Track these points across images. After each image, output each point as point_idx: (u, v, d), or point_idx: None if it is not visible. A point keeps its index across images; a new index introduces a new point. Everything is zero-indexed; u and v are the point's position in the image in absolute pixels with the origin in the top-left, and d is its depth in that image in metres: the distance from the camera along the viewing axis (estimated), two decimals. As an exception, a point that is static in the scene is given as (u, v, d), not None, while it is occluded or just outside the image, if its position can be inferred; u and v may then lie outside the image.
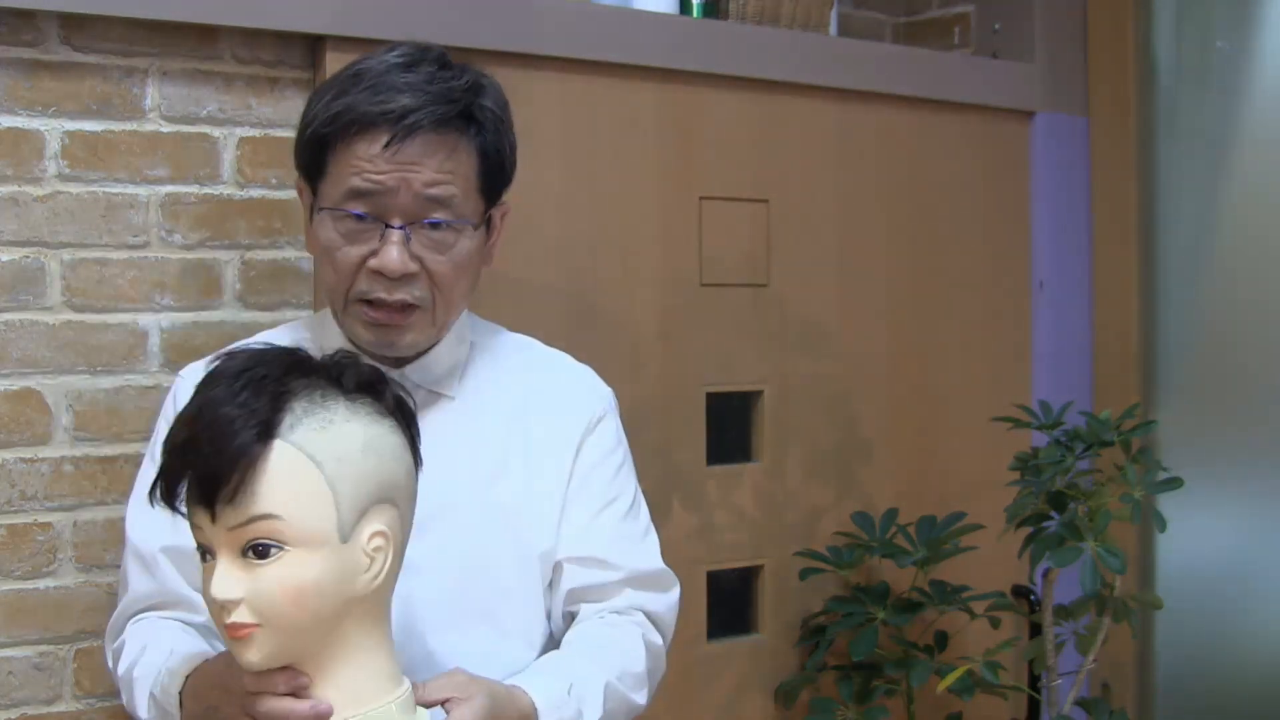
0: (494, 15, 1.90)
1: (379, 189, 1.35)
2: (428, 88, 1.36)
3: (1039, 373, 2.53)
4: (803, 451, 2.24)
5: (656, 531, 1.57)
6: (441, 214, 1.38)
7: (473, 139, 1.40)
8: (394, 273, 1.36)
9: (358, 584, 1.16)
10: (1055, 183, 2.55)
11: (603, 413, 1.54)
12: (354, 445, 1.16)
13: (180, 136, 1.74)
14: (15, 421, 1.65)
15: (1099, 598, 2.07)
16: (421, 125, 1.35)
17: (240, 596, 1.12)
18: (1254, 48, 2.38)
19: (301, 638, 1.15)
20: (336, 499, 1.14)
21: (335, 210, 1.38)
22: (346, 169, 1.36)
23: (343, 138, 1.36)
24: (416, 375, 1.46)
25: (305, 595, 1.12)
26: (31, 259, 1.65)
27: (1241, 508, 2.38)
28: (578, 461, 1.49)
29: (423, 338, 1.43)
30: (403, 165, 1.35)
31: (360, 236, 1.37)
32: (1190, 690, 2.46)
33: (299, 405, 1.15)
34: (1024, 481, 2.08)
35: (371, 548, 1.17)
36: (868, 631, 2.08)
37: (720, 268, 2.14)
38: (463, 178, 1.39)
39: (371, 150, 1.35)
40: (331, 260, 1.40)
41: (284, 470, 1.12)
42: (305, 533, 1.13)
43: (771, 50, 2.18)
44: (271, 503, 1.12)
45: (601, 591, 1.48)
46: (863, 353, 2.31)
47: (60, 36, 1.66)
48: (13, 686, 1.64)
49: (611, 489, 1.51)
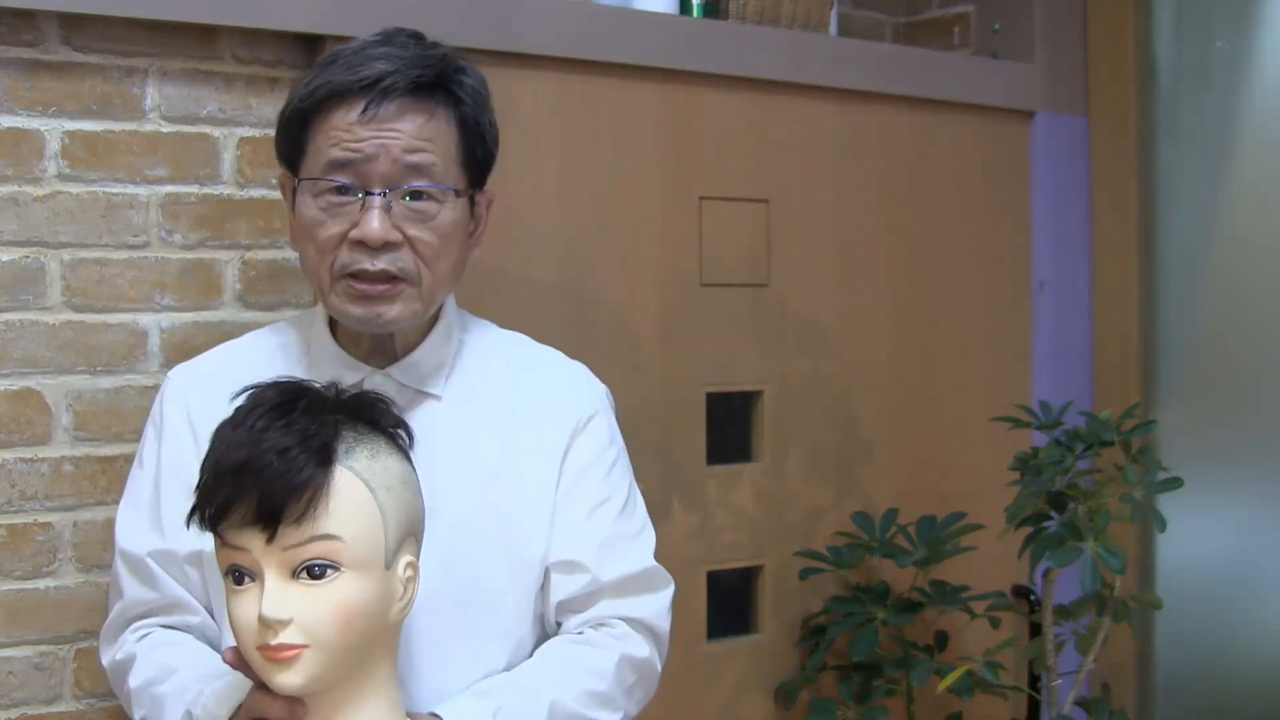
0: (494, 15, 1.90)
1: (358, 156, 1.34)
2: (403, 54, 1.37)
3: (1039, 373, 2.53)
4: (803, 451, 2.24)
5: (656, 532, 1.56)
6: (422, 180, 1.37)
7: (451, 108, 1.39)
8: (375, 240, 1.35)
9: (391, 612, 1.21)
10: (1055, 183, 2.55)
11: (593, 411, 1.51)
12: (396, 476, 1.21)
13: (180, 136, 1.74)
14: (15, 421, 1.65)
15: (1099, 598, 2.07)
16: (397, 88, 1.35)
17: (291, 616, 1.13)
18: (1254, 48, 2.38)
19: (344, 661, 1.16)
20: (385, 525, 1.18)
21: (315, 182, 1.37)
22: (325, 141, 1.36)
23: (320, 110, 1.36)
24: (402, 375, 1.44)
25: (354, 617, 1.15)
26: (31, 259, 1.66)
27: (1241, 508, 2.38)
28: (566, 462, 1.47)
29: (409, 312, 1.40)
30: (380, 131, 1.34)
31: (340, 210, 1.36)
32: (1190, 690, 2.46)
33: (349, 434, 1.18)
34: (1024, 481, 2.08)
35: (405, 577, 1.21)
36: (868, 631, 2.08)
37: (720, 268, 2.14)
38: (442, 147, 1.38)
39: (349, 118, 1.35)
40: (312, 238, 1.38)
41: (345, 494, 1.16)
42: (360, 556, 1.16)
43: (771, 50, 2.18)
44: (334, 524, 1.15)
45: (583, 601, 1.45)
46: (863, 353, 2.31)
47: (60, 36, 1.66)
48: (13, 686, 1.64)
49: (603, 489, 1.49)
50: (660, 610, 1.51)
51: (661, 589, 1.52)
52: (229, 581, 1.17)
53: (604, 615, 1.46)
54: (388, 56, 1.36)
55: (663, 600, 1.51)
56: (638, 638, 1.47)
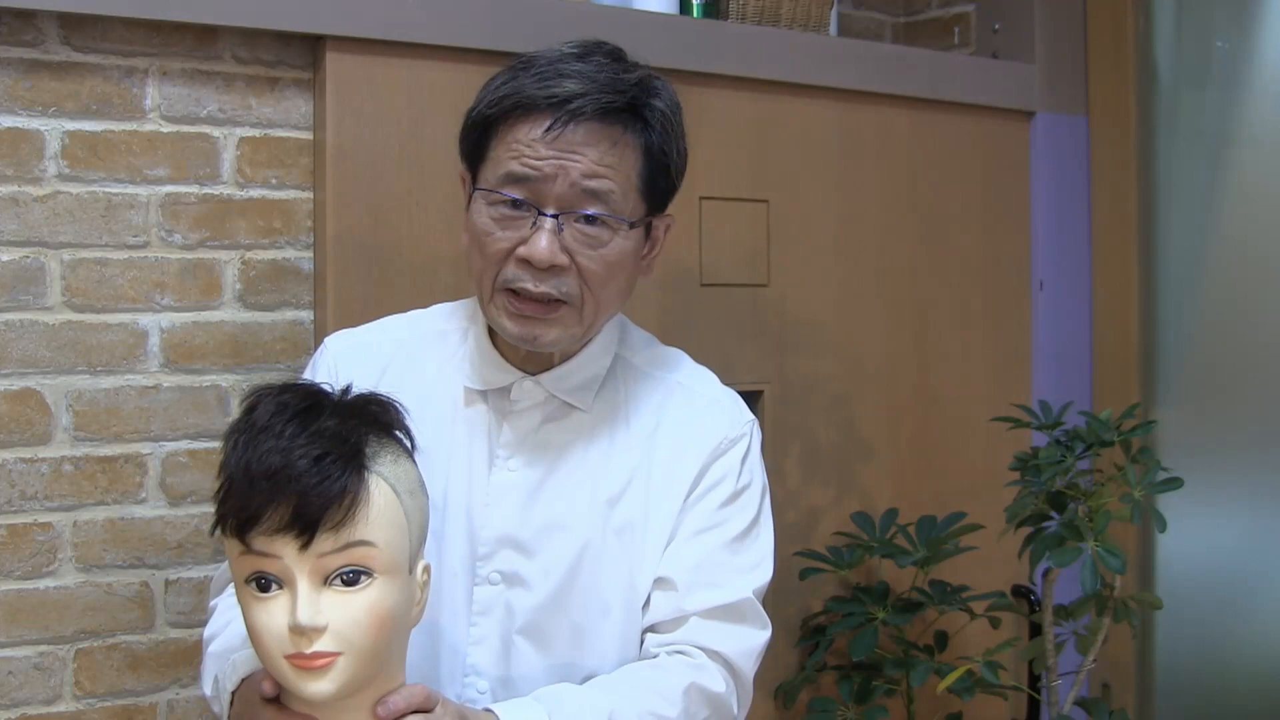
0: (494, 15, 1.89)
1: (536, 174, 1.32)
2: (596, 76, 1.33)
3: (1039, 373, 2.53)
4: (803, 451, 2.24)
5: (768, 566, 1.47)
6: (597, 208, 1.33)
7: (638, 135, 1.35)
8: (542, 262, 1.32)
9: (411, 615, 1.21)
10: (1055, 183, 2.55)
11: (734, 439, 1.46)
12: (415, 480, 1.22)
13: (180, 136, 1.74)
14: (15, 421, 1.65)
15: (1099, 598, 2.07)
16: (584, 112, 1.31)
17: (327, 623, 1.12)
18: (1254, 47, 2.38)
19: (372, 666, 1.16)
20: (410, 530, 1.19)
21: (490, 193, 1.34)
22: (506, 152, 1.33)
23: (505, 120, 1.34)
24: (551, 384, 1.42)
25: (387, 622, 1.15)
26: (31, 259, 1.66)
27: (1241, 508, 2.38)
28: (697, 486, 1.43)
29: (567, 336, 1.37)
30: (562, 153, 1.31)
31: (512, 224, 1.33)
32: (1190, 690, 2.46)
33: (373, 439, 1.18)
34: (1024, 481, 2.08)
35: (421, 581, 1.22)
36: (868, 631, 2.07)
37: (720, 268, 2.14)
38: (623, 175, 1.34)
39: (532, 134, 1.32)
40: (481, 246, 1.35)
41: (379, 500, 1.16)
42: (391, 561, 1.16)
43: (771, 50, 2.18)
44: (370, 531, 1.14)
45: (668, 625, 1.40)
46: (863, 353, 2.31)
47: (60, 36, 1.66)
48: (13, 686, 1.64)
49: (720, 515, 1.43)
50: (746, 650, 1.42)
51: (754, 628, 1.43)
52: (251, 589, 1.15)
53: (684, 641, 1.39)
54: (581, 75, 1.32)
55: (752, 640, 1.43)
56: (714, 669, 1.39)
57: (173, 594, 1.73)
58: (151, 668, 1.72)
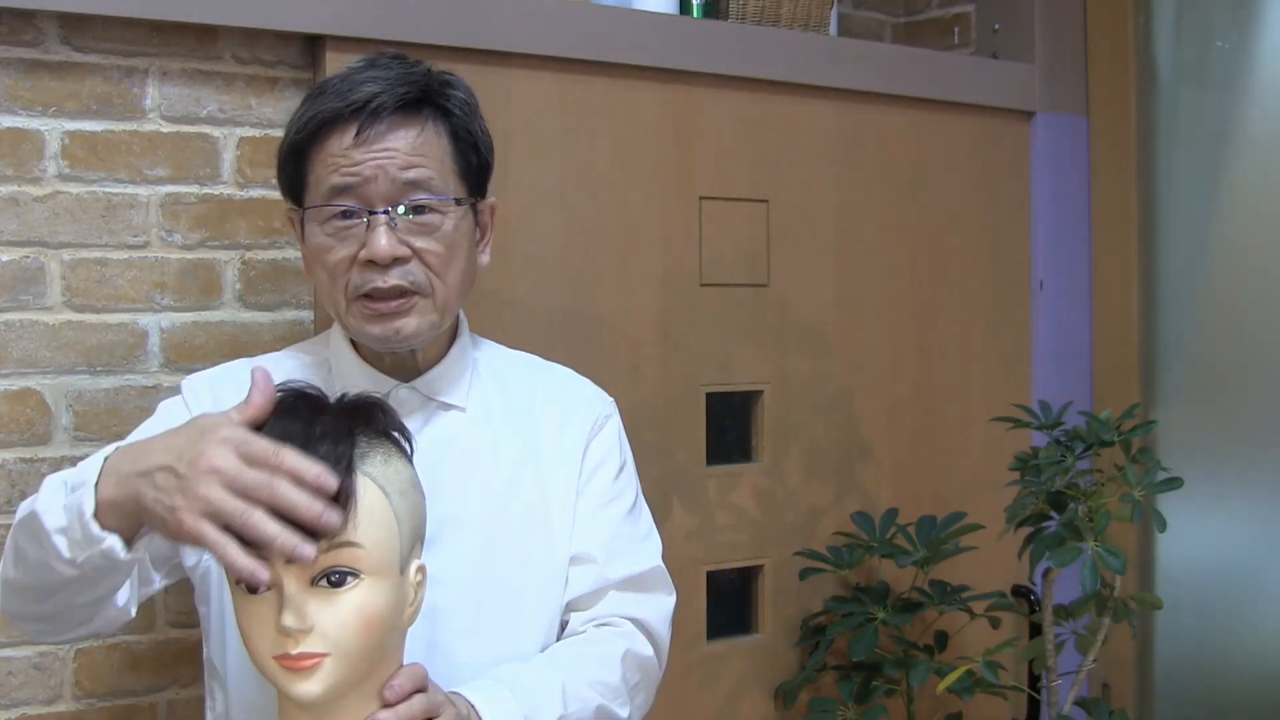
0: (494, 15, 1.89)
1: (357, 180, 1.37)
2: (387, 76, 1.39)
3: (1039, 373, 2.53)
4: (803, 451, 2.24)
5: (659, 535, 1.57)
6: (421, 195, 1.39)
7: (441, 120, 1.42)
8: (384, 258, 1.37)
9: (404, 617, 1.21)
10: (1055, 183, 2.55)
11: (605, 417, 1.56)
12: (407, 480, 1.21)
13: (180, 136, 1.74)
14: (15, 421, 1.65)
15: (1099, 598, 2.07)
16: (386, 106, 1.37)
17: (313, 625, 1.13)
18: (1254, 47, 2.38)
19: (361, 667, 1.16)
20: (400, 530, 1.18)
21: (320, 209, 1.39)
22: (324, 169, 1.38)
23: (315, 141, 1.39)
24: (426, 388, 1.47)
25: (374, 623, 1.15)
26: (31, 259, 1.66)
27: (1241, 508, 2.38)
28: (584, 463, 1.51)
29: (426, 324, 1.42)
30: (376, 153, 1.36)
31: (347, 233, 1.39)
32: (1190, 690, 2.46)
33: (363, 440, 1.18)
34: (1024, 481, 2.08)
35: (415, 581, 1.21)
36: (868, 631, 2.08)
37: (720, 268, 2.14)
38: (437, 159, 1.40)
39: (344, 144, 1.37)
40: (323, 263, 1.41)
41: (365, 500, 1.15)
42: (379, 562, 1.15)
43: (771, 50, 2.18)
44: (357, 531, 1.14)
45: (588, 599, 1.48)
46: (863, 353, 2.31)
47: (60, 36, 1.66)
48: (13, 686, 1.64)
49: (611, 489, 1.53)
50: (662, 616, 1.53)
51: (664, 595, 1.54)
52: (241, 590, 1.15)
53: (608, 613, 1.48)
54: (373, 79, 1.38)
55: (665, 607, 1.54)
56: (641, 637, 1.49)
57: (172, 594, 1.72)
58: (151, 668, 1.72)
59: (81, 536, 1.16)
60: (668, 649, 1.54)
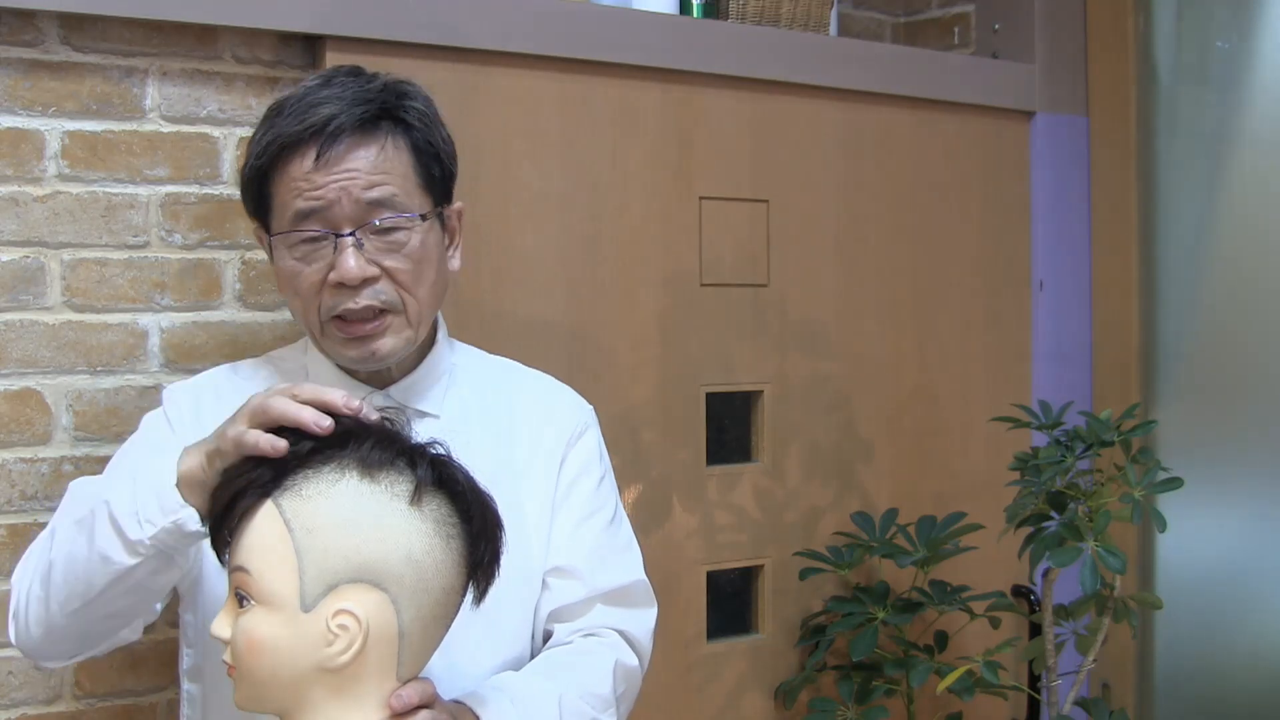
0: (494, 15, 1.89)
1: (321, 203, 1.37)
2: (343, 95, 1.38)
3: (1039, 373, 2.53)
4: (803, 451, 2.24)
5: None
6: (386, 213, 1.38)
7: (401, 135, 1.41)
8: (353, 279, 1.37)
9: (320, 656, 1.15)
10: (1055, 183, 2.55)
11: (584, 426, 1.55)
12: (336, 519, 1.15)
13: (180, 136, 1.74)
14: (15, 421, 1.65)
15: (1099, 598, 2.07)
16: (345, 127, 1.36)
17: (227, 637, 1.17)
18: (1254, 48, 2.38)
19: (267, 690, 1.17)
20: (301, 566, 1.14)
21: (287, 235, 1.39)
22: (287, 194, 1.38)
23: (276, 165, 1.38)
24: (401, 395, 1.48)
25: (258, 650, 1.15)
26: (31, 259, 1.66)
27: (1241, 508, 2.38)
28: (561, 473, 1.51)
29: (401, 342, 1.43)
30: (338, 175, 1.36)
31: (316, 256, 1.39)
32: (1190, 690, 2.46)
33: (308, 470, 1.17)
34: (1024, 481, 2.08)
35: (336, 624, 1.14)
36: (868, 631, 2.08)
37: (720, 268, 2.14)
38: (399, 175, 1.40)
39: (305, 167, 1.37)
40: (295, 287, 1.41)
41: (260, 529, 1.16)
42: (266, 592, 1.15)
43: (771, 50, 2.18)
44: (243, 557, 1.16)
45: (574, 610, 1.48)
46: (863, 353, 2.31)
47: (60, 36, 1.66)
48: (13, 686, 1.64)
49: (593, 501, 1.53)
50: (646, 629, 1.54)
51: (647, 609, 1.55)
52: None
53: (594, 625, 1.49)
54: (330, 99, 1.38)
55: (649, 620, 1.55)
56: (627, 648, 1.50)
57: (172, 594, 1.72)
58: (151, 668, 1.72)
59: (158, 508, 1.22)
60: (649, 659, 1.55)
